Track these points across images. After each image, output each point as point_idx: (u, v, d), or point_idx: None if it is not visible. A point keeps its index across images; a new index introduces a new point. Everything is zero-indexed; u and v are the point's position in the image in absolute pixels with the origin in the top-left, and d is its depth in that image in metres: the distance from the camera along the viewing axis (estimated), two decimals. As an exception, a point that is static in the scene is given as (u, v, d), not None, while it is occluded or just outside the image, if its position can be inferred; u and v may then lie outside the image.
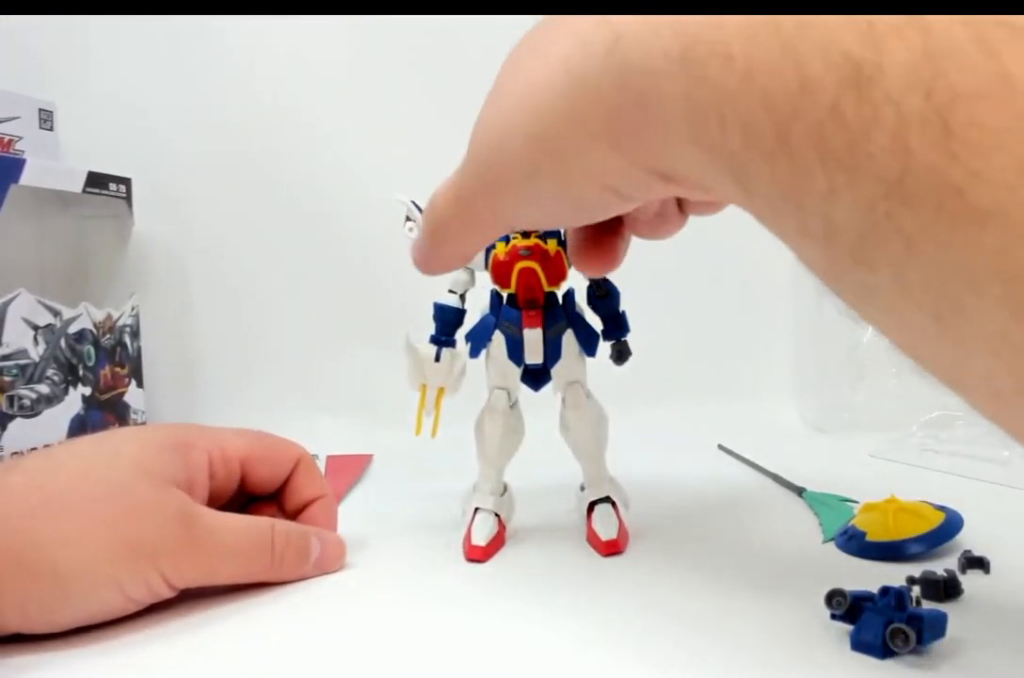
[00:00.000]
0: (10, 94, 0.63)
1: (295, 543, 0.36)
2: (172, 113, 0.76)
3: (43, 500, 0.31)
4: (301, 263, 0.78)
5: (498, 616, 0.32)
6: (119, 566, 0.30)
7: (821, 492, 0.47)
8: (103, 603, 0.31)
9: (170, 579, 0.32)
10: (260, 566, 0.35)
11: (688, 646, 0.29)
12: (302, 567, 0.36)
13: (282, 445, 0.40)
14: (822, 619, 0.29)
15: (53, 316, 0.60)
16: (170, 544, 0.32)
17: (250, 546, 0.34)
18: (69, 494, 0.31)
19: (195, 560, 0.32)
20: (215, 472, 0.36)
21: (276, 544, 0.35)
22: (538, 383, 0.41)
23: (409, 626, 0.32)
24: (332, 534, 0.38)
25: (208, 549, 0.33)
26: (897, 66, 0.15)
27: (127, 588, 0.31)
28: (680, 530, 0.42)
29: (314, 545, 0.36)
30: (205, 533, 0.33)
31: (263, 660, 0.29)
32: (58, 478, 0.32)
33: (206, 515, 0.33)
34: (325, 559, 0.37)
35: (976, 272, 0.15)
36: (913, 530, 0.37)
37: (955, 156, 0.15)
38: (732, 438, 0.62)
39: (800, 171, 0.18)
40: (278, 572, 0.35)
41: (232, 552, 0.34)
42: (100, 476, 0.32)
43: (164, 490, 0.33)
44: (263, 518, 0.36)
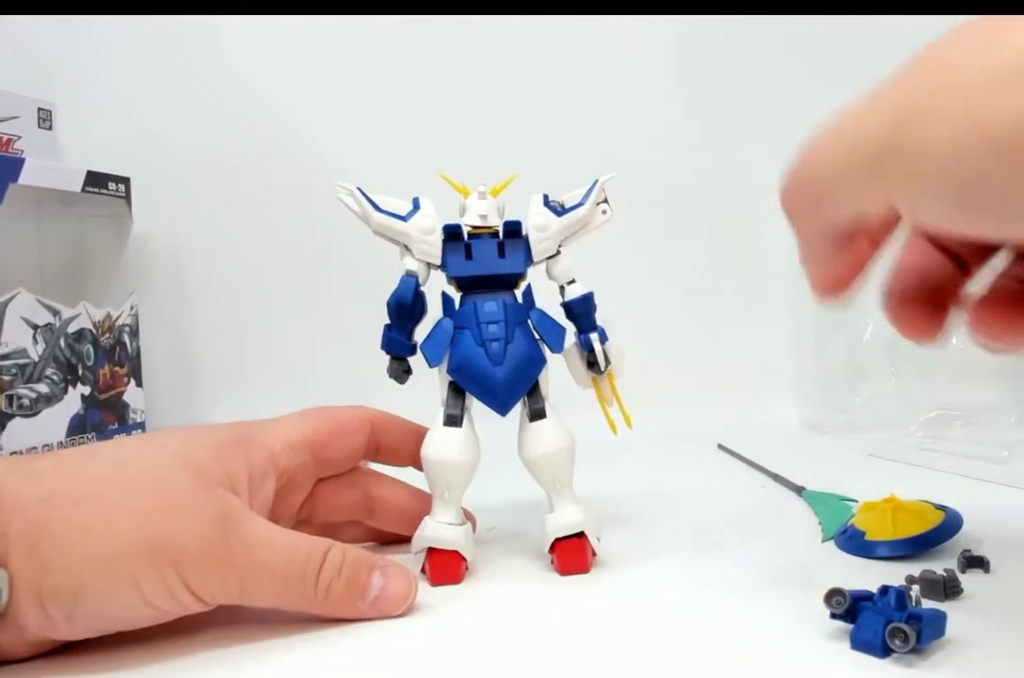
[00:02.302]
0: (9, 94, 0.63)
1: (348, 575, 0.31)
2: (171, 113, 0.76)
3: (68, 486, 0.28)
4: (300, 262, 0.78)
5: (499, 615, 0.33)
6: (137, 564, 0.27)
7: (820, 491, 0.47)
8: (122, 605, 0.28)
9: (195, 589, 0.28)
10: (298, 594, 0.30)
11: (687, 645, 0.29)
12: (355, 604, 0.31)
13: (345, 414, 0.37)
14: (821, 618, 0.29)
15: (52, 315, 0.60)
16: (198, 549, 0.28)
17: (290, 569, 0.30)
18: (98, 482, 0.29)
19: (224, 572, 0.29)
20: (282, 467, 0.34)
21: (324, 572, 0.30)
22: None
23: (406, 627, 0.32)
24: (402, 569, 0.32)
25: (241, 562, 0.29)
26: None
27: (145, 590, 0.28)
28: (679, 529, 0.42)
29: (375, 581, 0.31)
30: (242, 544, 0.29)
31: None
32: (89, 466, 0.30)
33: (251, 525, 0.30)
34: (386, 600, 0.31)
35: None
36: (912, 529, 0.37)
37: None
38: (732, 437, 0.62)
39: None
40: (323, 605, 0.31)
41: (268, 571, 0.30)
42: (137, 466, 0.30)
43: (207, 489, 0.30)
44: (322, 540, 0.31)
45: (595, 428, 0.38)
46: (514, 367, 0.36)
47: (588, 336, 0.37)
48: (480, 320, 0.36)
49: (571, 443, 0.36)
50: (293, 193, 0.77)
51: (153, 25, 0.75)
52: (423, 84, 0.77)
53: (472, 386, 0.36)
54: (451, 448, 0.35)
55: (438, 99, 0.77)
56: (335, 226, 0.77)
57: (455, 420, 0.36)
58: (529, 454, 0.36)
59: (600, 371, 0.38)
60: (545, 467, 0.36)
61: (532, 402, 0.36)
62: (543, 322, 0.37)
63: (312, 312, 0.77)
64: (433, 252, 0.36)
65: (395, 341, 0.37)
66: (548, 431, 0.36)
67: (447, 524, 0.36)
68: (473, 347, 0.36)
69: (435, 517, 0.36)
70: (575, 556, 0.36)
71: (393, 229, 0.36)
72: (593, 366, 0.38)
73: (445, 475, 0.36)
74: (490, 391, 0.36)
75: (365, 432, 0.38)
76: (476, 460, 0.36)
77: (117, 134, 0.75)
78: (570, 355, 0.38)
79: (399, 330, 0.36)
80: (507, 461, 0.37)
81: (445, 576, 0.35)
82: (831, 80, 0.77)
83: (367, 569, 0.31)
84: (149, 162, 0.74)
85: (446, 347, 0.36)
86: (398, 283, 0.36)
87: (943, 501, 0.39)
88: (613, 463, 0.41)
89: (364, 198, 0.35)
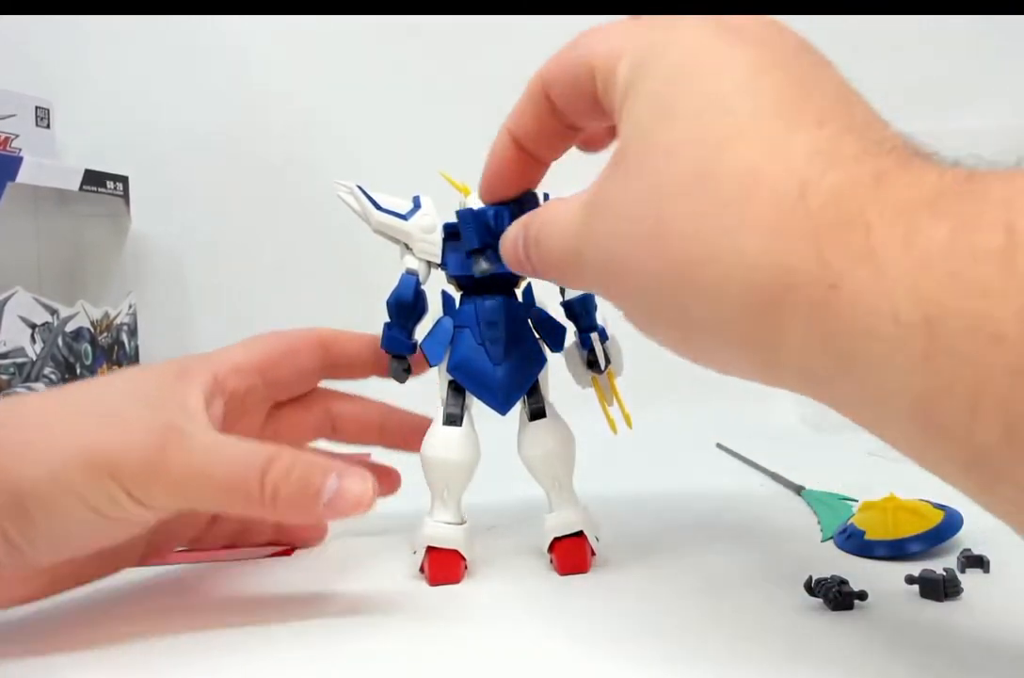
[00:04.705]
0: (7, 92, 0.63)
1: (298, 478, 0.30)
2: (169, 111, 0.76)
3: (18, 414, 0.30)
4: (299, 261, 0.78)
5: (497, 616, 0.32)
6: (77, 476, 0.28)
7: (820, 491, 0.47)
8: (73, 518, 0.29)
9: (138, 497, 0.29)
10: (244, 498, 0.29)
11: (686, 645, 0.29)
12: (308, 506, 0.30)
13: (294, 336, 0.37)
14: (822, 617, 0.29)
15: (50, 314, 0.60)
16: (136, 459, 0.29)
17: (232, 474, 0.29)
18: (44, 409, 0.30)
19: (164, 480, 0.29)
20: (229, 390, 0.34)
21: (269, 475, 0.29)
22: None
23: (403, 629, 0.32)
24: (360, 471, 0.31)
25: (180, 470, 0.29)
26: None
27: (91, 501, 0.28)
28: (678, 529, 0.42)
29: (329, 484, 0.30)
30: (182, 452, 0.29)
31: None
32: (40, 398, 0.32)
33: (193, 433, 0.30)
34: (342, 501, 0.30)
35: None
36: (912, 529, 0.37)
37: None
38: (731, 437, 0.62)
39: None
40: (273, 509, 0.30)
41: (208, 477, 0.29)
42: (83, 394, 0.31)
43: (150, 408, 0.30)
44: (271, 446, 0.31)
45: (595, 428, 0.38)
46: (514, 366, 0.36)
47: (588, 335, 0.37)
48: (480, 319, 0.36)
49: (571, 442, 0.36)
50: (292, 192, 0.76)
51: (152, 25, 0.75)
52: (424, 83, 0.77)
53: (472, 385, 0.36)
54: (450, 447, 0.35)
55: (439, 98, 0.77)
56: (334, 225, 0.77)
57: (455, 419, 0.36)
58: (529, 453, 0.36)
59: (600, 370, 0.37)
60: (545, 466, 0.36)
61: (532, 401, 0.36)
62: (543, 321, 0.37)
63: (311, 311, 0.77)
64: (433, 251, 0.36)
65: (395, 340, 0.37)
66: (548, 430, 0.36)
67: (446, 523, 0.35)
68: (473, 346, 0.36)
69: (434, 516, 0.36)
70: (574, 555, 0.36)
71: (393, 228, 0.36)
72: (593, 365, 0.37)
73: (444, 474, 0.36)
74: (490, 390, 0.36)
75: (316, 351, 0.38)
76: (476, 459, 0.36)
77: (115, 133, 0.75)
78: (570, 354, 0.38)
79: (399, 329, 0.36)
80: (507, 461, 0.37)
81: (444, 576, 0.35)
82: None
83: (320, 472, 0.30)
84: (147, 161, 0.74)
85: (446, 346, 0.36)
86: (398, 282, 0.36)
87: (943, 501, 0.39)
88: (612, 463, 0.41)
89: (364, 196, 0.35)
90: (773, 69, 0.23)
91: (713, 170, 0.22)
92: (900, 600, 0.32)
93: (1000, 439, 0.16)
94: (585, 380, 0.38)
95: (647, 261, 0.23)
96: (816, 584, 0.31)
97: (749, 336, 0.22)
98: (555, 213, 0.29)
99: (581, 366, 0.38)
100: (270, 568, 0.39)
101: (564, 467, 0.36)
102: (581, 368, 0.38)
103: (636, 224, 0.23)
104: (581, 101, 0.28)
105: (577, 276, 0.28)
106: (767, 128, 0.22)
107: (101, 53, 0.76)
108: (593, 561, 0.37)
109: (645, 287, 0.24)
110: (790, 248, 0.20)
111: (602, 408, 0.38)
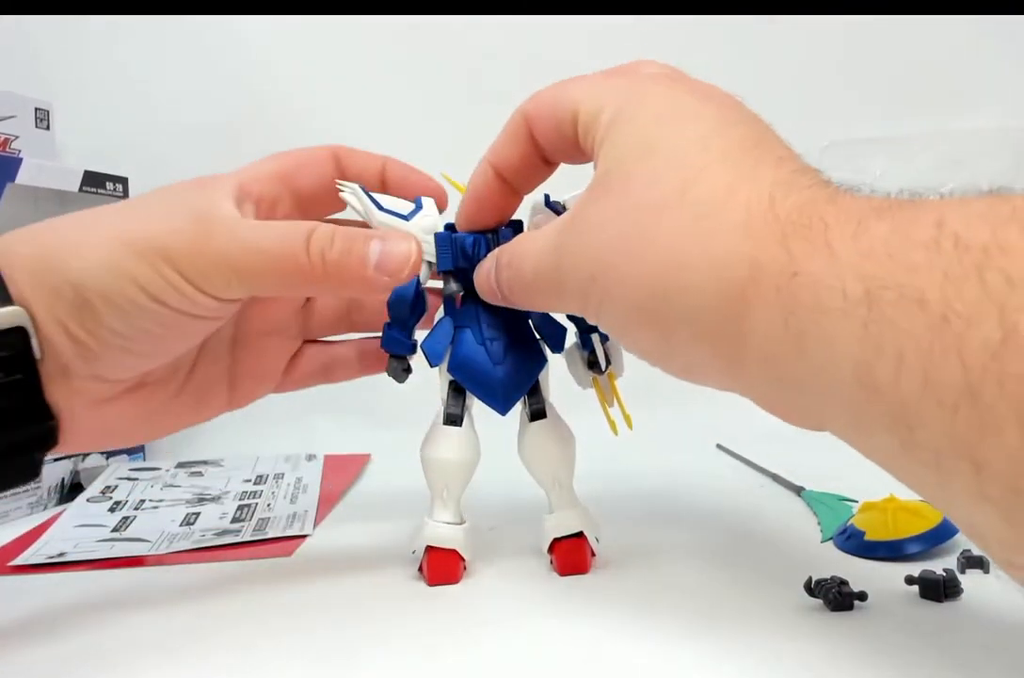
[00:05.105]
0: (7, 93, 0.63)
1: (341, 244, 0.31)
2: (170, 113, 0.76)
3: (60, 224, 0.31)
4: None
5: (496, 616, 0.32)
6: (132, 263, 0.29)
7: (820, 491, 0.47)
8: (134, 307, 0.29)
9: (192, 280, 0.29)
10: (294, 268, 0.30)
11: (685, 646, 0.29)
12: (358, 270, 0.31)
13: (306, 149, 0.37)
14: (822, 618, 0.29)
15: (50, 315, 0.60)
16: (184, 241, 0.29)
17: (279, 245, 0.30)
18: (83, 217, 0.31)
19: (214, 259, 0.30)
20: (256, 194, 0.34)
21: (314, 242, 0.30)
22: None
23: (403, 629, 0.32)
24: (400, 233, 0.33)
25: (225, 244, 0.30)
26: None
27: (149, 288, 0.29)
28: (678, 530, 0.42)
29: (373, 247, 0.31)
30: (223, 229, 0.30)
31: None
32: (73, 215, 0.32)
33: (230, 216, 0.31)
34: (390, 261, 0.31)
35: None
36: (912, 529, 0.37)
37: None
38: (731, 437, 0.62)
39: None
40: (324, 278, 0.31)
41: (256, 251, 0.30)
42: (115, 205, 0.32)
43: (183, 204, 0.31)
44: (307, 222, 0.31)
45: (595, 428, 0.38)
46: (514, 366, 0.36)
47: (589, 336, 0.37)
48: (481, 319, 0.36)
49: (571, 443, 0.36)
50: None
51: (152, 25, 0.75)
52: (425, 83, 0.77)
53: (472, 385, 0.36)
54: (450, 447, 0.35)
55: (440, 98, 0.77)
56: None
57: (455, 419, 0.36)
58: (529, 454, 0.36)
59: (601, 371, 0.37)
60: (545, 467, 0.36)
61: (532, 402, 0.36)
62: (544, 322, 0.37)
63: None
64: (433, 251, 0.36)
65: (395, 339, 0.36)
66: (548, 431, 0.36)
67: (445, 523, 0.35)
68: (473, 346, 0.35)
69: (433, 516, 0.36)
70: (574, 556, 0.36)
71: (394, 228, 0.36)
72: (594, 366, 0.37)
73: (444, 474, 0.36)
74: (490, 390, 0.36)
75: (331, 161, 0.37)
76: (475, 459, 0.36)
77: (115, 134, 0.75)
78: (571, 355, 0.38)
79: (399, 329, 0.36)
80: (507, 461, 0.37)
81: (442, 576, 0.35)
82: (832, 81, 0.77)
83: (362, 239, 0.31)
84: (147, 162, 0.74)
85: (446, 346, 0.36)
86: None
87: (943, 501, 0.39)
88: (612, 463, 0.41)
89: (367, 197, 0.35)
90: (738, 123, 0.28)
91: (693, 189, 0.25)
92: (900, 601, 0.32)
93: (920, 386, 0.19)
94: (586, 381, 0.38)
95: (632, 268, 0.26)
96: (816, 585, 0.31)
97: (720, 328, 0.25)
98: (527, 241, 0.32)
99: (582, 367, 0.38)
100: (270, 568, 0.39)
101: (564, 468, 0.36)
102: (582, 369, 0.38)
103: (621, 237, 0.27)
104: (562, 141, 0.31)
105: (553, 290, 0.30)
106: (737, 162, 0.26)
107: (101, 53, 0.76)
108: (593, 562, 0.37)
109: (629, 291, 0.26)
110: (760, 245, 0.24)
111: (603, 409, 0.38)
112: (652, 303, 0.26)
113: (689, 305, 0.25)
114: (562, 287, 0.29)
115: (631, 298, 0.26)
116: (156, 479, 0.57)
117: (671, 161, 0.26)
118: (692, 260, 0.25)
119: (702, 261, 0.24)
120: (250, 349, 0.38)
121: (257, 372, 0.39)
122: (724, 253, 0.24)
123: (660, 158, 0.27)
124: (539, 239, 0.31)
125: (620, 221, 0.27)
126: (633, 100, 0.29)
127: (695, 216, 0.25)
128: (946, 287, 0.19)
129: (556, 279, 0.29)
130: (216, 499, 0.52)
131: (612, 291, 0.27)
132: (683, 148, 0.27)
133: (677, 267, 0.25)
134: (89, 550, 0.43)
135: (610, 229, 0.27)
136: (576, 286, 0.29)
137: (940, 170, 0.72)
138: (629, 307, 0.27)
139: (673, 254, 0.25)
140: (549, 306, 0.33)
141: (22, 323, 0.28)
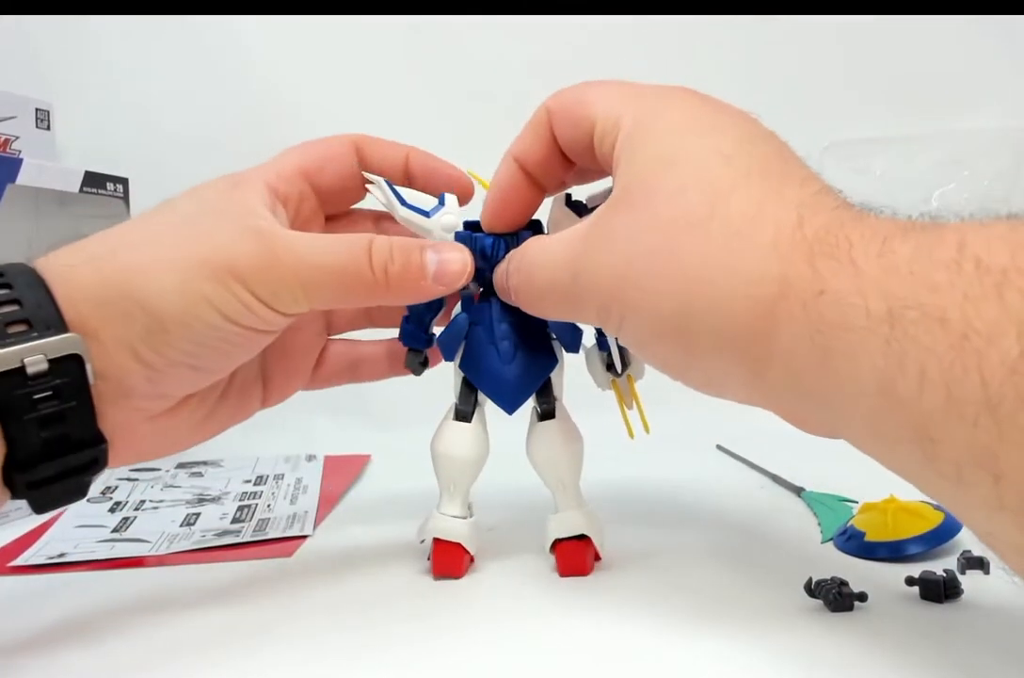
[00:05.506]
0: (7, 94, 0.63)
1: (400, 258, 0.31)
2: (170, 113, 0.76)
3: (108, 245, 0.31)
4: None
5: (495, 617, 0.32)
6: (204, 284, 0.29)
7: (820, 492, 0.47)
8: (207, 325, 0.30)
9: (263, 297, 0.30)
10: (359, 282, 0.31)
11: (686, 645, 0.29)
12: (418, 282, 0.32)
13: (328, 141, 0.38)
14: (822, 619, 0.29)
15: (50, 316, 0.60)
16: (248, 258, 0.30)
17: (343, 260, 0.31)
18: (145, 229, 0.32)
19: (283, 276, 0.30)
20: (283, 195, 0.34)
21: (375, 257, 0.31)
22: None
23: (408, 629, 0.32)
24: (451, 243, 0.34)
25: (292, 262, 0.30)
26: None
27: (222, 307, 0.29)
28: (678, 531, 0.42)
29: (429, 257, 0.32)
30: (285, 247, 0.30)
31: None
32: (117, 229, 0.32)
33: (286, 233, 0.31)
34: (447, 271, 0.32)
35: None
36: (912, 530, 0.37)
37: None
38: (731, 438, 0.62)
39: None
40: (386, 291, 0.32)
41: (320, 267, 0.31)
42: (161, 217, 0.32)
43: (225, 207, 0.32)
44: (360, 234, 0.32)
45: (598, 428, 0.38)
46: (524, 366, 0.36)
47: (606, 338, 0.37)
48: (494, 317, 0.36)
49: (579, 445, 0.36)
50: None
51: (153, 26, 0.75)
52: (425, 84, 0.77)
53: (480, 382, 0.36)
54: (459, 442, 0.36)
55: (440, 98, 0.77)
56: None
57: (465, 415, 0.36)
58: (536, 454, 0.36)
59: (618, 373, 0.37)
60: (551, 468, 0.36)
61: (542, 402, 0.36)
62: (558, 322, 0.37)
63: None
64: None
65: (412, 333, 0.37)
66: (556, 432, 0.36)
67: (452, 517, 0.36)
68: (484, 343, 0.36)
69: (441, 508, 0.36)
70: (575, 558, 0.36)
71: (415, 224, 0.36)
72: (611, 368, 0.38)
73: (452, 469, 0.36)
74: (498, 389, 0.36)
75: (353, 154, 0.38)
76: (484, 456, 0.36)
77: (115, 134, 0.75)
78: (590, 356, 0.38)
79: (416, 323, 0.37)
80: (518, 458, 0.37)
81: (446, 568, 0.36)
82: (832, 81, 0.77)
83: (418, 249, 0.32)
84: (148, 163, 0.74)
85: (460, 342, 0.36)
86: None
87: (943, 502, 0.39)
88: (612, 463, 0.41)
89: (391, 191, 0.35)
90: (756, 140, 0.28)
91: (722, 208, 0.26)
92: (900, 601, 0.32)
93: (943, 401, 0.20)
94: (605, 382, 0.38)
95: (659, 283, 0.26)
96: (816, 585, 0.31)
97: (746, 343, 0.25)
98: (539, 251, 0.32)
99: (601, 368, 0.38)
100: (270, 569, 0.39)
101: (570, 469, 0.36)
102: (601, 370, 0.38)
103: (647, 253, 0.27)
104: (578, 144, 0.32)
105: (569, 302, 0.30)
106: (763, 181, 0.26)
107: (101, 54, 0.76)
108: (596, 564, 0.37)
109: (654, 306, 0.27)
110: (788, 264, 0.24)
111: (621, 411, 0.38)
112: (677, 318, 0.26)
113: (716, 320, 0.25)
114: (579, 299, 0.30)
115: (656, 313, 0.27)
116: (156, 480, 0.57)
117: (694, 176, 0.27)
118: (721, 277, 0.25)
119: (732, 278, 0.25)
120: (279, 346, 0.38)
121: (288, 369, 0.39)
122: (754, 271, 0.25)
123: (680, 172, 0.27)
124: (553, 249, 0.31)
125: (645, 237, 0.27)
126: (651, 110, 0.29)
127: (725, 235, 0.25)
128: (966, 307, 0.20)
129: (573, 292, 0.30)
130: (216, 500, 0.52)
131: (636, 305, 0.27)
132: (704, 162, 0.27)
133: (706, 283, 0.25)
134: (89, 550, 0.43)
135: (634, 244, 0.27)
136: (595, 299, 0.29)
137: (940, 170, 0.72)
138: (653, 321, 0.27)
139: (701, 271, 0.25)
140: (561, 316, 0.33)
141: (77, 350, 0.28)
